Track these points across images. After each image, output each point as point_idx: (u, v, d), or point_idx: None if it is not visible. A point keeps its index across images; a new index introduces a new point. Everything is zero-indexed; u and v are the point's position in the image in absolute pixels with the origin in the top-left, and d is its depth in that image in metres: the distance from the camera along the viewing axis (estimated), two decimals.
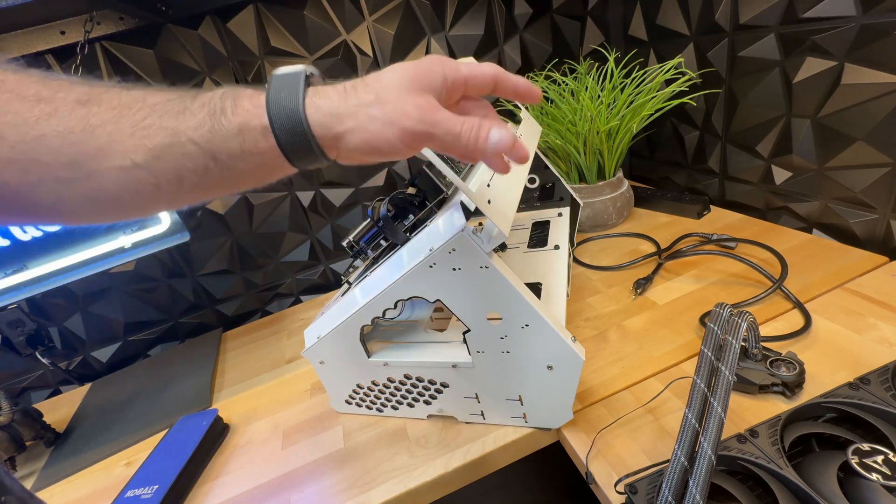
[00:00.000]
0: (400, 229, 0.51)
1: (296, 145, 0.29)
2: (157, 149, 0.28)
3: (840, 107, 0.62)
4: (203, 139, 0.28)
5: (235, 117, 0.28)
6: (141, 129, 0.27)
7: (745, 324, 0.38)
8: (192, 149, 0.28)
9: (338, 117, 0.29)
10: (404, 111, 0.28)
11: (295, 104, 0.28)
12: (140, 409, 0.73)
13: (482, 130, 0.29)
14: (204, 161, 0.29)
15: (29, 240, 0.67)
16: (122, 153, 0.27)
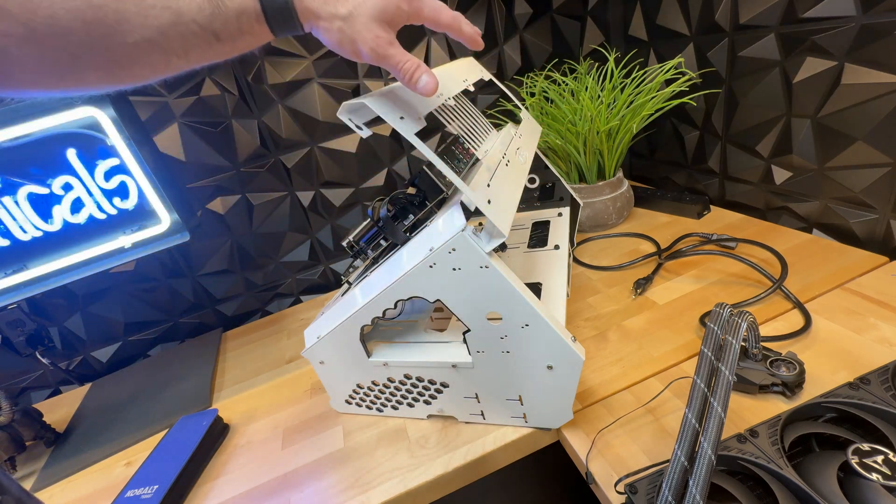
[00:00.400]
0: (400, 229, 0.51)
1: (283, 28, 0.35)
2: (164, 26, 0.31)
3: (840, 107, 0.62)
4: (205, 20, 0.32)
5: (232, 2, 0.33)
6: (146, 9, 0.31)
7: (745, 324, 0.38)
8: (196, 28, 0.32)
9: (315, 15, 0.35)
10: (364, 38, 0.35)
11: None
12: (140, 409, 0.73)
13: (416, 73, 0.36)
14: (207, 37, 0.33)
15: (29, 240, 0.67)
16: (131, 30, 0.31)
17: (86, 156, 0.66)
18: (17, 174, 0.64)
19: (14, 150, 0.63)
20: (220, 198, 0.86)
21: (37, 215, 0.66)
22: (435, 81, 0.37)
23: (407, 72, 0.36)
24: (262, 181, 0.88)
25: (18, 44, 0.29)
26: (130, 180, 0.69)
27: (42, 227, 0.67)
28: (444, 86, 0.50)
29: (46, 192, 0.66)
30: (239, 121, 0.83)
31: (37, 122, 0.62)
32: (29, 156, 0.63)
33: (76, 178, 0.66)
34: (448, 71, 0.56)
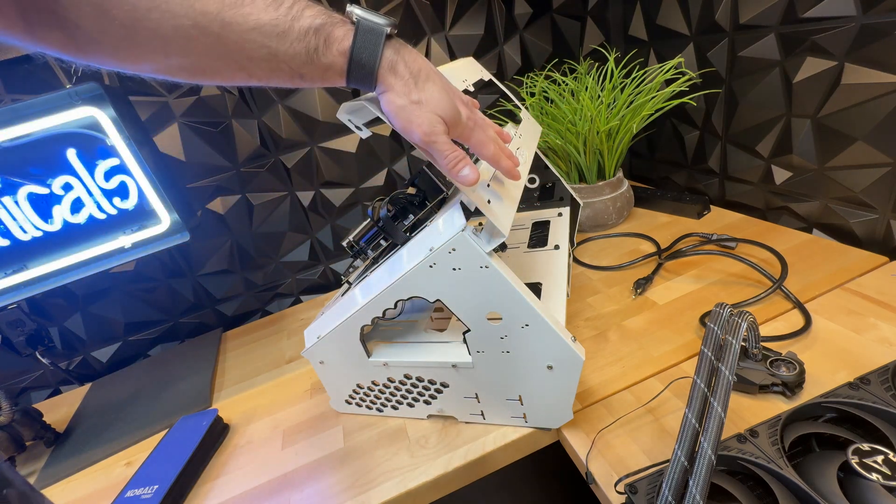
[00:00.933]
0: (400, 229, 0.51)
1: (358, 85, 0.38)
2: (257, 60, 0.35)
3: (840, 107, 0.62)
4: (296, 66, 0.35)
5: (325, 59, 0.36)
6: (246, 42, 0.34)
7: (745, 324, 0.38)
8: (286, 69, 0.36)
9: (391, 89, 0.37)
10: (421, 123, 0.38)
11: (371, 69, 0.36)
12: (140, 409, 0.73)
13: (458, 165, 0.39)
14: (292, 76, 0.36)
15: (29, 240, 0.67)
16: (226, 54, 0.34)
17: (86, 156, 0.66)
18: (17, 174, 0.64)
19: (14, 150, 0.63)
20: (220, 198, 0.86)
21: (37, 215, 0.66)
22: (476, 175, 0.39)
23: (451, 162, 0.39)
24: (262, 181, 0.88)
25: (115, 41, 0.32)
26: (130, 180, 0.69)
27: (42, 227, 0.67)
28: None
29: (46, 192, 0.66)
30: (239, 121, 0.83)
31: (37, 122, 0.62)
32: (29, 156, 0.63)
33: (76, 178, 0.66)
34: (448, 71, 0.56)
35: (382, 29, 0.36)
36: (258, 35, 0.33)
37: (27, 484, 0.29)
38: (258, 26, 0.33)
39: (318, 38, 0.35)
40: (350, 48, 0.35)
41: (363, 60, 0.36)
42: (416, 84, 0.38)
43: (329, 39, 0.35)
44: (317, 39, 0.35)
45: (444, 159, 0.39)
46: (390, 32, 0.37)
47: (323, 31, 0.35)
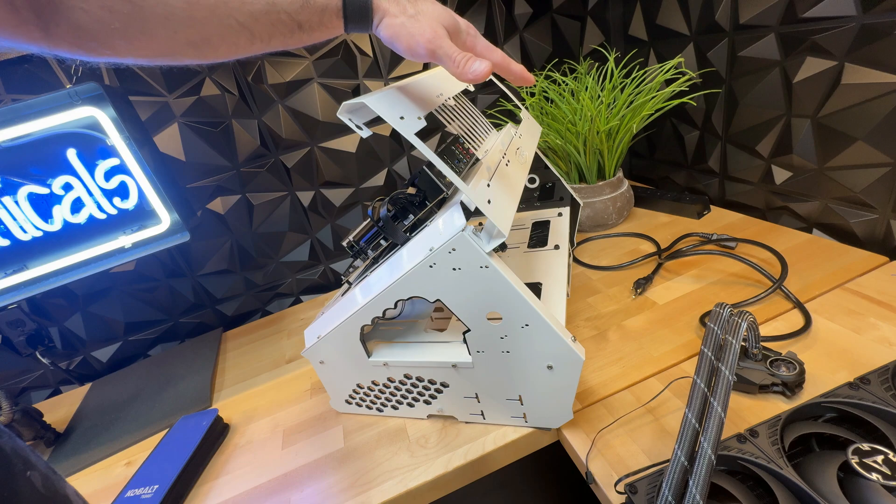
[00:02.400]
0: (400, 229, 0.51)
1: (356, 25, 0.40)
2: (257, 13, 0.36)
3: (840, 107, 0.62)
4: (295, 11, 0.37)
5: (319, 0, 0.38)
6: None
7: (745, 324, 0.38)
8: (285, 17, 0.37)
9: (387, 13, 0.39)
10: (423, 32, 0.39)
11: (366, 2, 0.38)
12: (140, 409, 0.73)
13: (468, 62, 0.39)
14: (292, 26, 0.38)
15: (29, 240, 0.67)
16: (228, 14, 0.35)
17: (86, 156, 0.66)
18: (17, 174, 0.64)
19: (14, 150, 0.63)
20: (220, 198, 0.86)
21: (37, 215, 0.66)
22: (488, 65, 0.39)
23: (460, 62, 0.39)
24: (262, 181, 0.88)
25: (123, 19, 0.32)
26: (130, 180, 0.69)
27: (42, 227, 0.67)
28: (444, 86, 0.51)
29: (46, 192, 0.66)
30: (239, 121, 0.83)
31: (37, 122, 0.62)
32: (29, 156, 0.63)
33: (76, 178, 0.66)
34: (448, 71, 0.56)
35: None
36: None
37: (50, 467, 0.30)
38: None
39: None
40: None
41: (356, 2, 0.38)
42: (410, 2, 0.40)
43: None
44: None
45: (452, 62, 0.39)
46: None
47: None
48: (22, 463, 0.28)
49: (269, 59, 0.81)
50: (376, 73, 0.87)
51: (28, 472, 0.28)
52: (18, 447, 0.28)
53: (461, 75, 0.39)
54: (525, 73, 0.43)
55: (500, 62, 0.42)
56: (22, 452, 0.28)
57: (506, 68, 0.42)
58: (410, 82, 0.46)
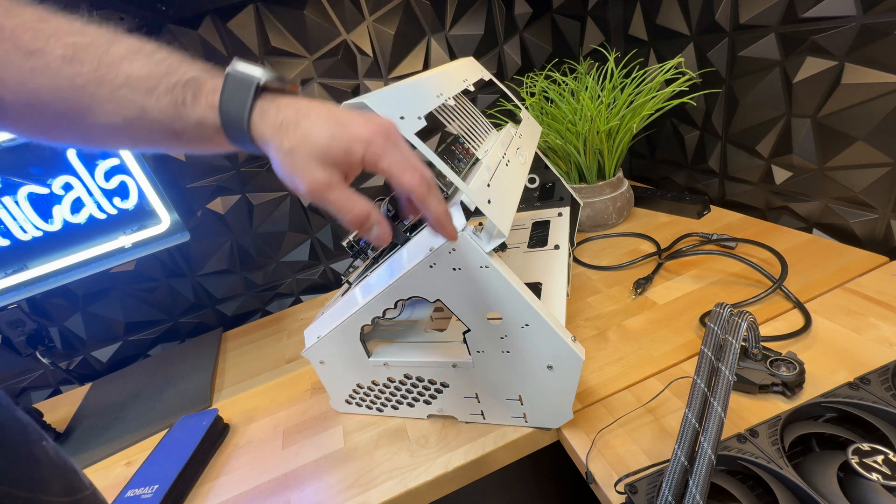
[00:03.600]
0: (400, 229, 0.51)
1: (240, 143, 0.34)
2: (131, 118, 0.32)
3: (840, 107, 0.62)
4: (167, 121, 0.32)
5: (193, 113, 0.32)
6: (118, 99, 0.31)
7: (745, 324, 0.38)
8: (159, 126, 0.32)
9: (266, 144, 0.33)
10: (303, 177, 0.32)
11: (241, 122, 0.32)
12: (140, 409, 0.73)
13: (368, 223, 0.33)
14: (169, 135, 0.33)
15: (29, 240, 0.67)
16: (104, 115, 0.32)
17: (86, 155, 0.66)
18: (17, 174, 0.64)
19: (14, 150, 0.63)
20: (220, 198, 0.86)
21: (37, 215, 0.66)
22: (388, 231, 0.34)
23: (353, 222, 0.33)
24: (262, 181, 0.88)
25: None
26: (130, 180, 0.69)
27: (42, 227, 0.67)
28: (444, 86, 0.51)
29: (46, 192, 0.66)
30: None
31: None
32: (29, 156, 0.63)
33: (76, 178, 0.66)
34: (448, 71, 0.56)
35: (253, 79, 0.32)
36: (129, 91, 0.31)
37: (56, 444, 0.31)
38: (128, 82, 0.31)
39: (185, 90, 0.32)
40: (219, 101, 0.32)
41: (231, 112, 0.32)
42: (289, 129, 0.32)
43: (198, 92, 0.32)
44: (184, 92, 0.32)
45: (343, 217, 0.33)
46: (265, 83, 0.33)
47: (193, 84, 0.32)
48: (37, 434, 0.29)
49: (268, 58, 0.81)
50: (376, 73, 0.87)
51: (43, 442, 0.29)
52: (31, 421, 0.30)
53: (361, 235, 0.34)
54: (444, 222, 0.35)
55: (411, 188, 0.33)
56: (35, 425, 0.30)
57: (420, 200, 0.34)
58: (410, 82, 0.46)
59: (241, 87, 0.32)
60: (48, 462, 0.29)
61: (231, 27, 0.77)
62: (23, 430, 0.28)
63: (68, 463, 0.31)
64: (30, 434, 0.29)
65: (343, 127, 0.32)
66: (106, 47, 0.31)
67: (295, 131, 0.32)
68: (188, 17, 0.75)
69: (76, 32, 0.31)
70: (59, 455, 0.30)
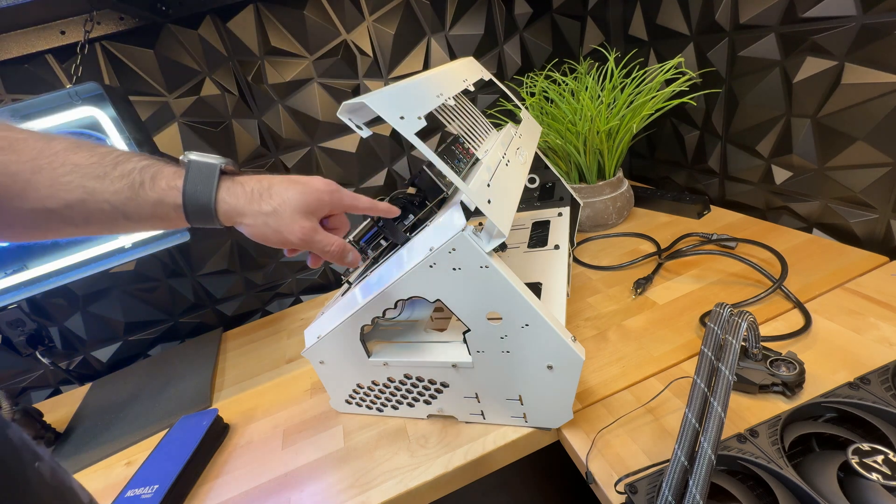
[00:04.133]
0: (400, 229, 0.51)
1: (201, 222, 0.38)
2: (73, 202, 0.33)
3: (840, 107, 0.62)
4: (120, 203, 0.34)
5: (153, 193, 0.35)
6: (61, 184, 0.33)
7: (745, 323, 0.38)
8: (107, 207, 0.34)
9: (240, 214, 0.38)
10: (291, 229, 0.39)
11: (207, 199, 0.37)
12: (140, 409, 0.73)
13: (343, 253, 0.43)
14: (115, 216, 0.35)
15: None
16: (38, 200, 0.32)
17: None
18: None
19: None
20: None
21: None
22: (358, 256, 0.44)
23: (335, 254, 0.42)
24: None
25: None
26: None
27: None
28: (444, 86, 0.51)
29: None
30: (239, 121, 0.83)
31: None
32: None
33: None
34: (448, 71, 0.56)
35: (215, 165, 0.37)
36: (76, 176, 0.33)
37: (54, 460, 0.30)
38: (76, 168, 0.33)
39: (143, 174, 0.35)
40: (183, 184, 0.36)
41: (198, 193, 0.36)
42: (260, 197, 0.38)
43: (157, 176, 0.35)
44: (142, 175, 0.35)
45: (328, 255, 0.41)
46: (225, 168, 0.38)
47: (150, 169, 0.35)
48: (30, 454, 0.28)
49: (268, 58, 0.81)
50: (376, 73, 0.87)
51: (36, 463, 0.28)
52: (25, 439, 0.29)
53: (340, 263, 0.43)
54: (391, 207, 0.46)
55: (368, 207, 0.44)
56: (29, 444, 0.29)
57: (374, 210, 0.45)
58: (410, 82, 0.46)
59: (205, 171, 0.37)
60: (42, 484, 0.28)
61: (231, 27, 0.77)
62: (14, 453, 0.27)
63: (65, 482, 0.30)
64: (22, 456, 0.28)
65: (306, 185, 0.40)
66: (45, 142, 0.33)
67: (271, 196, 0.38)
68: (188, 17, 0.75)
69: (7, 129, 0.32)
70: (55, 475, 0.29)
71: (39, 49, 0.68)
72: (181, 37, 0.76)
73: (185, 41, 0.76)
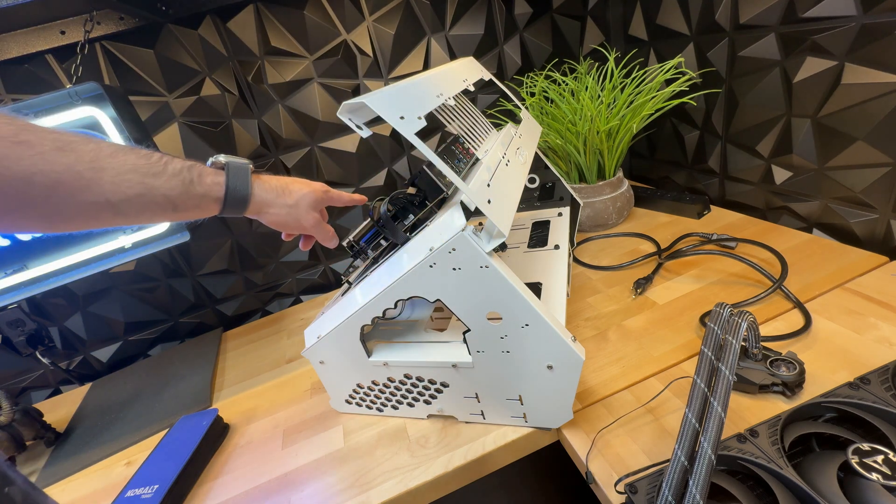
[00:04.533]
0: (400, 229, 0.51)
1: (231, 212, 0.47)
2: (133, 196, 0.38)
3: (840, 107, 0.62)
4: (174, 196, 0.41)
5: (200, 188, 0.43)
6: (123, 181, 0.37)
7: (745, 323, 0.38)
8: (162, 200, 0.40)
9: (268, 205, 0.49)
10: (307, 219, 0.52)
11: (245, 193, 0.46)
12: (140, 409, 0.73)
13: (332, 239, 0.57)
14: (166, 208, 0.41)
15: (29, 240, 0.67)
16: (101, 194, 0.36)
17: None
18: None
19: None
20: None
21: None
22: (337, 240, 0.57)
23: (328, 238, 0.56)
24: None
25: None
26: None
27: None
28: (444, 86, 0.51)
29: None
30: (239, 120, 0.83)
31: (37, 122, 0.62)
32: None
33: None
34: (448, 71, 0.56)
35: (248, 164, 0.47)
36: (136, 175, 0.38)
37: (28, 482, 0.29)
38: (136, 168, 0.38)
39: (191, 172, 0.42)
40: (225, 180, 0.44)
41: (238, 188, 0.45)
42: (284, 193, 0.50)
43: (202, 174, 0.43)
44: (190, 174, 0.42)
45: (322, 238, 0.55)
46: (253, 168, 0.47)
47: (195, 169, 0.43)
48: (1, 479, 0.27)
49: (268, 58, 0.81)
50: (376, 73, 0.87)
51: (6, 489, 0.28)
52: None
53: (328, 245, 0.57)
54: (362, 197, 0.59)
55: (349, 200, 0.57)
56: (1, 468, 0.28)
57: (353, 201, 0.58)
58: (410, 82, 0.46)
59: (241, 171, 0.46)
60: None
61: (231, 27, 0.77)
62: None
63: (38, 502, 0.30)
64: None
65: (311, 187, 0.52)
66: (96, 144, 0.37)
67: (290, 193, 0.50)
68: (188, 17, 0.75)
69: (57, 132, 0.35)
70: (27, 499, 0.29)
71: (39, 49, 0.68)
72: (181, 37, 0.76)
73: (185, 41, 0.76)
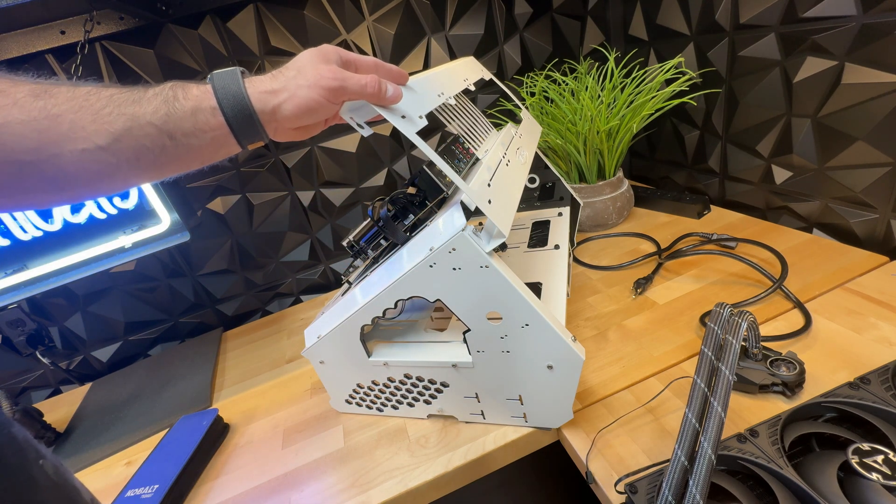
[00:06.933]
0: (400, 229, 0.51)
1: (240, 120, 0.36)
2: (119, 132, 0.33)
3: (840, 106, 0.62)
4: (160, 121, 0.34)
5: (188, 101, 0.35)
6: (102, 117, 0.33)
7: (745, 323, 0.38)
8: (151, 130, 0.34)
9: (272, 92, 0.37)
10: (321, 75, 0.37)
11: (237, 87, 0.36)
12: (140, 409, 0.73)
13: (382, 85, 0.39)
14: (161, 140, 0.34)
15: (29, 240, 0.67)
16: (86, 137, 0.32)
17: None
18: None
19: None
20: (220, 197, 0.86)
21: (37, 215, 0.66)
22: (398, 89, 0.40)
23: (371, 85, 0.38)
24: (262, 181, 0.88)
25: None
26: None
27: (42, 227, 0.67)
28: (445, 85, 0.51)
29: None
30: None
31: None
32: None
33: None
34: (449, 70, 0.56)
35: (235, 69, 0.37)
36: (114, 106, 0.33)
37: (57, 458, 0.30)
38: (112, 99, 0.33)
39: (174, 90, 0.35)
40: (211, 83, 0.36)
41: (228, 86, 0.36)
42: (281, 71, 0.38)
43: (186, 88, 0.36)
44: (173, 91, 0.35)
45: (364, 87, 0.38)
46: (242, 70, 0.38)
47: (178, 86, 0.36)
48: (34, 451, 0.28)
49: (268, 58, 0.81)
50: None
51: (40, 461, 0.29)
52: (29, 437, 0.29)
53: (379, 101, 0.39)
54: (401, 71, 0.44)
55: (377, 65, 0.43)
56: (32, 442, 0.29)
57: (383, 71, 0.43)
58: (411, 81, 0.46)
59: (228, 73, 0.37)
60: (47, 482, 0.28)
61: (231, 27, 0.77)
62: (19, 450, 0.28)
63: (68, 481, 0.31)
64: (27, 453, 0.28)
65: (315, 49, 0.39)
66: (72, 86, 0.33)
67: (287, 68, 0.39)
68: (188, 17, 0.75)
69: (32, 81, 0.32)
70: (58, 473, 0.30)
71: (39, 49, 0.68)
72: (181, 37, 0.76)
73: (186, 41, 0.76)
